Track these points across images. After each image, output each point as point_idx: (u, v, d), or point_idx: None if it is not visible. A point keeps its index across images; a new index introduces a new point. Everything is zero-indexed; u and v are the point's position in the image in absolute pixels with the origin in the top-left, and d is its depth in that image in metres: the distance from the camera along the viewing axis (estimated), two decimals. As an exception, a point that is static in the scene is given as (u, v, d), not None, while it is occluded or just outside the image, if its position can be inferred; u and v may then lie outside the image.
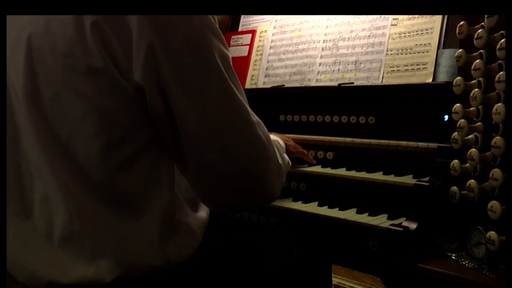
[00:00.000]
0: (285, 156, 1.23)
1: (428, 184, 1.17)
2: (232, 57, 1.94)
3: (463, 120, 1.12)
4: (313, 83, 1.69)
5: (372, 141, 1.43)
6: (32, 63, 0.90)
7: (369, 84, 1.54)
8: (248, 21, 2.03)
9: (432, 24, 1.45)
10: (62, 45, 0.86)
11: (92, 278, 0.88)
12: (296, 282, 1.18)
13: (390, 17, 1.55)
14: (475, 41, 1.10)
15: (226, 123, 0.91)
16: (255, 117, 0.97)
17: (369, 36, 1.60)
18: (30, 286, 0.91)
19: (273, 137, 1.32)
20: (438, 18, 1.44)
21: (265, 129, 1.00)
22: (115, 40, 0.83)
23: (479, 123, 1.10)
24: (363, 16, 1.62)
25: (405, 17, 1.52)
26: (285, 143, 1.38)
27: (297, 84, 1.73)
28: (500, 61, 1.04)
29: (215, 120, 0.89)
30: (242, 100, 0.93)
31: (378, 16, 1.58)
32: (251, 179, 0.95)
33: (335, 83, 1.61)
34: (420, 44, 1.46)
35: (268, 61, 1.86)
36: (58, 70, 0.87)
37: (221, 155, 0.90)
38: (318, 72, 1.69)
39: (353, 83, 1.57)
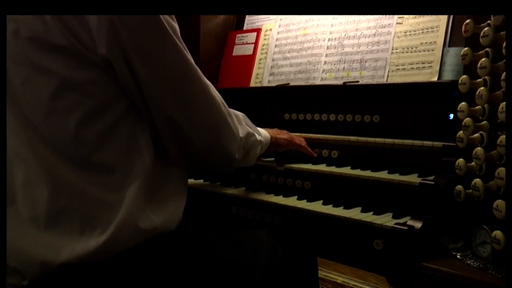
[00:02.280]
0: (252, 128, 1.31)
1: (433, 183, 1.17)
2: (237, 56, 1.97)
3: (468, 118, 1.11)
4: (318, 82, 1.68)
5: (377, 139, 1.42)
6: None
7: (374, 82, 1.53)
8: (253, 19, 2.03)
9: (437, 22, 1.45)
10: (25, 30, 0.92)
11: (82, 251, 0.91)
12: (282, 282, 1.17)
13: (396, 15, 1.55)
14: (481, 39, 1.10)
15: (184, 83, 1.02)
16: (207, 80, 1.09)
17: (374, 34, 1.59)
18: (23, 271, 0.92)
19: (262, 130, 1.38)
20: (443, 17, 1.44)
21: (216, 91, 1.13)
22: (75, 20, 0.89)
23: (484, 122, 1.09)
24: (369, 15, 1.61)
25: (411, 15, 1.51)
26: (274, 136, 1.44)
27: (302, 83, 1.73)
28: (506, 59, 1.04)
29: (174, 81, 1.00)
30: (194, 64, 1.04)
31: (384, 15, 1.58)
32: (210, 134, 1.11)
33: (340, 82, 1.61)
34: (426, 43, 1.46)
35: (273, 60, 1.86)
36: (25, 54, 0.92)
37: (182, 112, 1.03)
38: (323, 71, 1.69)
39: (358, 81, 1.57)
